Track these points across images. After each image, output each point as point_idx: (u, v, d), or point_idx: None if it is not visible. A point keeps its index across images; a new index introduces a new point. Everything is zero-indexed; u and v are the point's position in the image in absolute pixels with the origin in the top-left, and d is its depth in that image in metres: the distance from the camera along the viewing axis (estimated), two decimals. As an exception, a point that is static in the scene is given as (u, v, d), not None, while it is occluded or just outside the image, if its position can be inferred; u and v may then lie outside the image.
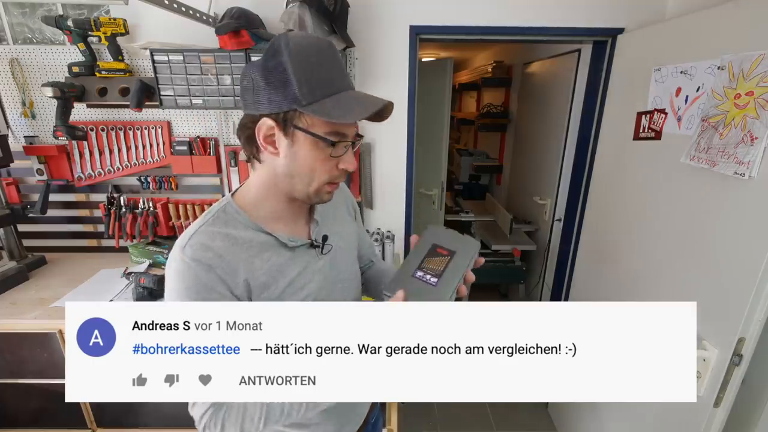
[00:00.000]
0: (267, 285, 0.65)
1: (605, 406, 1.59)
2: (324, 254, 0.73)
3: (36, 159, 1.65)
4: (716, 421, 1.04)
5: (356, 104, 0.59)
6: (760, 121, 0.92)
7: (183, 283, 0.59)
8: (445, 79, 2.48)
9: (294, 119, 0.58)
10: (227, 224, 0.64)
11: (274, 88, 0.57)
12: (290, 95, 0.57)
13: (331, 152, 0.61)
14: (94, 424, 1.49)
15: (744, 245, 0.97)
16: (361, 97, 0.61)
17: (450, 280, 0.62)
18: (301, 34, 0.62)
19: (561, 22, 1.57)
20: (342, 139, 0.61)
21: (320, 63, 0.58)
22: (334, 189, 0.68)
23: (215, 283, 0.59)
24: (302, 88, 0.56)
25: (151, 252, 1.69)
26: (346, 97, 0.60)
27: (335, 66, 0.61)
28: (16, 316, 1.34)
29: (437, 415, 2.12)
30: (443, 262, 0.64)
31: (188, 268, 0.59)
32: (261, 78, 0.58)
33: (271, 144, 0.61)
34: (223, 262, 0.60)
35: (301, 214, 0.74)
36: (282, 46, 0.56)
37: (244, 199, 0.68)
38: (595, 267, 1.71)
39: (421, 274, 0.63)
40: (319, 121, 0.58)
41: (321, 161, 0.62)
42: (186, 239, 0.61)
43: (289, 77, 0.56)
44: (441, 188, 2.64)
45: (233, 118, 1.68)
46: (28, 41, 1.56)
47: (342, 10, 1.42)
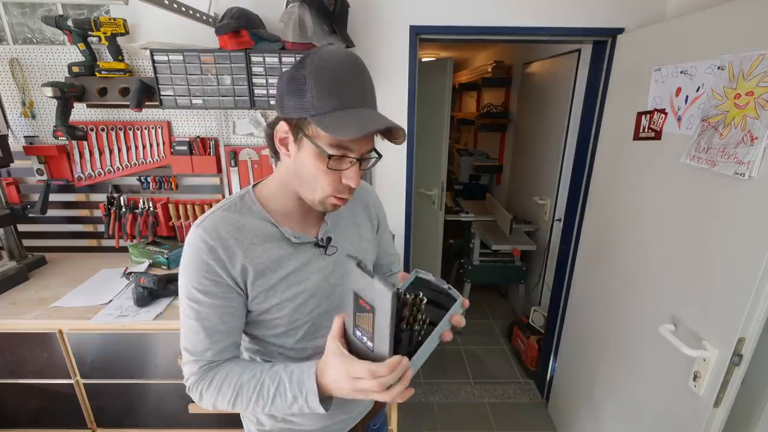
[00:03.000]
0: (263, 273, 0.68)
1: (605, 405, 1.59)
2: (328, 255, 0.75)
3: (36, 159, 1.65)
4: (716, 421, 1.04)
5: (356, 122, 0.58)
6: (760, 121, 0.92)
7: (191, 256, 0.66)
8: (445, 79, 2.48)
9: (303, 127, 0.61)
10: (240, 212, 0.70)
11: (292, 95, 0.61)
12: (303, 104, 0.59)
13: (329, 164, 0.62)
14: (94, 424, 1.49)
15: (744, 245, 0.97)
16: (366, 115, 0.60)
17: (383, 344, 0.51)
18: (335, 49, 0.62)
19: (561, 22, 1.57)
20: (342, 154, 0.62)
21: (339, 78, 0.59)
22: (341, 203, 0.68)
23: (213, 261, 0.65)
24: (314, 99, 0.58)
25: (151, 252, 1.69)
26: (352, 114, 0.60)
27: (356, 83, 0.61)
28: (16, 316, 1.34)
29: (437, 415, 2.12)
30: (369, 320, 0.52)
31: (196, 245, 0.66)
32: (285, 84, 0.62)
33: (284, 146, 0.66)
34: (225, 245, 0.66)
35: (313, 213, 0.76)
36: (309, 58, 0.60)
37: (263, 191, 0.73)
38: (595, 267, 1.71)
39: (359, 334, 0.55)
40: (324, 133, 0.59)
41: (323, 172, 0.63)
42: (203, 218, 0.68)
43: (306, 87, 0.59)
44: (441, 188, 2.65)
45: (233, 118, 1.68)
46: (28, 41, 1.56)
47: (342, 10, 1.42)
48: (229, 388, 0.66)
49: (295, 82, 0.60)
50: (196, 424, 1.47)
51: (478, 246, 2.77)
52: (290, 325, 0.72)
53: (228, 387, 0.66)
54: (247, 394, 0.65)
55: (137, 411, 1.47)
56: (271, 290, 0.69)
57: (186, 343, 0.69)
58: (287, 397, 0.62)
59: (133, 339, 1.36)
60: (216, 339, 0.68)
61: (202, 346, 0.67)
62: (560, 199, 2.36)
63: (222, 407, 0.67)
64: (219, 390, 0.66)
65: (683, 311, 1.17)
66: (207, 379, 0.67)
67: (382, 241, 0.93)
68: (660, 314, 1.25)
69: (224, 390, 0.66)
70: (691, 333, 1.13)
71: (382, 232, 0.93)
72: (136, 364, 1.39)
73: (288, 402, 0.62)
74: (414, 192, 1.85)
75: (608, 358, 1.57)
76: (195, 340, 0.67)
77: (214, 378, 0.67)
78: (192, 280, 0.66)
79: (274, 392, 0.63)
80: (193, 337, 0.67)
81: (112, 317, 1.33)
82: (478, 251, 2.78)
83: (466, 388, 2.32)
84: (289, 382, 0.63)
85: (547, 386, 2.17)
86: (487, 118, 3.53)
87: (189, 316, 0.67)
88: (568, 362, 1.95)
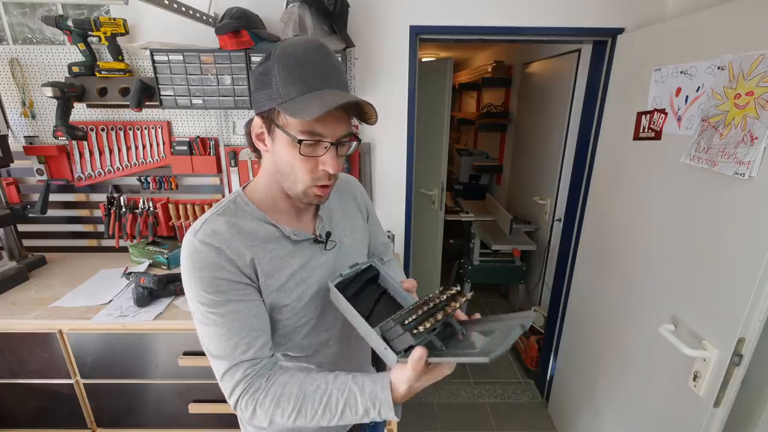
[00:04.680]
0: (271, 274, 0.67)
1: (605, 405, 1.59)
2: (328, 250, 0.75)
3: (36, 159, 1.65)
4: (716, 421, 1.04)
5: (318, 102, 0.57)
6: (760, 121, 0.92)
7: (194, 264, 0.62)
8: (445, 79, 2.48)
9: (274, 118, 0.62)
10: (236, 215, 0.68)
11: (261, 89, 0.61)
12: (271, 94, 0.60)
13: (300, 150, 0.61)
14: (94, 424, 1.49)
15: (744, 245, 0.97)
16: (329, 95, 0.58)
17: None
18: (299, 38, 0.63)
19: (561, 22, 1.57)
20: (316, 139, 0.61)
21: (302, 63, 0.59)
22: (325, 192, 0.68)
23: (224, 262, 0.62)
24: (280, 88, 0.59)
25: (151, 252, 1.69)
26: (316, 96, 0.59)
27: (318, 65, 0.60)
28: (16, 316, 1.34)
29: (437, 415, 2.12)
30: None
31: (199, 250, 0.62)
32: (254, 81, 0.63)
33: (261, 141, 0.66)
34: (231, 246, 0.64)
35: (307, 210, 0.75)
36: (273, 51, 0.60)
37: (253, 192, 0.72)
38: (595, 267, 1.71)
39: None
40: (294, 120, 0.59)
41: (300, 160, 0.62)
42: (198, 226, 0.65)
43: (272, 78, 0.59)
44: (441, 188, 2.64)
45: (233, 118, 1.68)
46: (28, 41, 1.56)
47: (342, 10, 1.42)
48: (289, 402, 0.62)
49: (262, 77, 0.61)
50: (196, 424, 1.47)
51: (478, 246, 2.77)
52: (296, 323, 0.72)
53: (288, 400, 0.62)
54: (312, 407, 0.61)
55: (137, 411, 1.47)
56: (280, 290, 0.68)
57: (218, 350, 0.63)
58: (358, 410, 0.60)
59: (133, 339, 1.36)
60: (252, 336, 0.64)
61: (242, 347, 0.63)
62: (560, 199, 2.36)
63: (279, 421, 0.62)
64: (278, 403, 0.62)
65: (683, 311, 1.17)
66: (261, 390, 0.62)
67: (373, 230, 0.92)
68: (660, 314, 1.25)
69: (283, 403, 0.62)
70: (691, 333, 1.13)
71: (374, 223, 0.93)
72: (136, 364, 1.39)
73: (359, 415, 0.61)
74: (414, 192, 1.85)
75: (608, 358, 1.57)
76: (229, 345, 0.63)
77: (269, 389, 0.63)
78: (204, 287, 0.62)
79: (344, 405, 0.61)
80: (226, 343, 0.63)
81: (112, 317, 1.33)
82: (478, 251, 2.78)
83: (466, 388, 2.32)
84: (360, 394, 0.60)
85: (547, 386, 2.17)
86: (487, 118, 3.53)
87: (212, 325, 0.63)
88: (568, 362, 1.95)
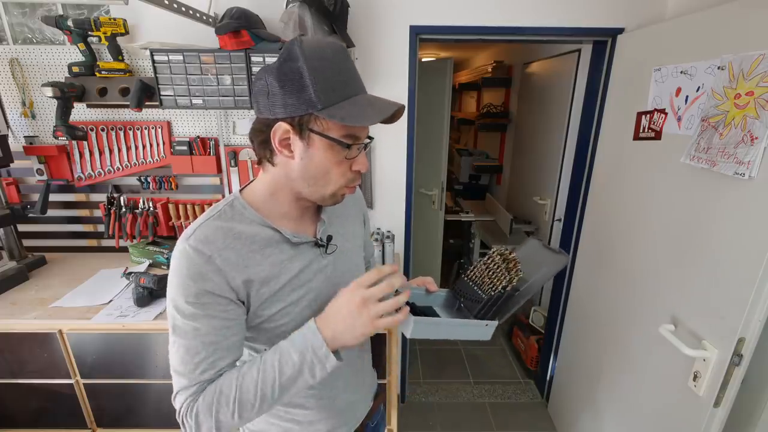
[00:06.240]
0: (267, 280, 0.65)
1: (605, 405, 1.59)
2: (328, 254, 0.74)
3: (36, 159, 1.65)
4: (716, 421, 1.04)
5: (370, 108, 0.59)
6: (760, 121, 0.92)
7: (181, 268, 0.61)
8: (445, 79, 2.48)
9: (310, 123, 0.59)
10: (233, 219, 0.66)
11: (289, 93, 0.58)
12: (306, 99, 0.57)
13: (346, 154, 0.62)
14: (94, 424, 1.49)
15: (744, 245, 0.97)
16: (374, 100, 0.62)
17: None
18: (315, 38, 0.63)
19: (561, 22, 1.57)
20: (355, 142, 0.62)
21: (334, 67, 0.59)
22: (351, 192, 0.69)
23: (212, 273, 0.60)
24: (318, 93, 0.57)
25: (151, 252, 1.69)
26: (361, 101, 0.60)
27: (349, 69, 0.61)
28: (16, 316, 1.34)
29: (437, 415, 2.12)
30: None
31: (188, 256, 0.60)
32: (276, 82, 0.58)
33: (286, 147, 0.62)
34: (222, 255, 0.61)
35: (308, 213, 0.74)
36: (297, 51, 0.57)
37: (252, 195, 0.69)
38: (595, 267, 1.71)
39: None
40: (334, 125, 0.59)
41: (336, 164, 0.63)
42: (191, 231, 0.63)
43: (305, 82, 0.56)
44: (441, 188, 2.65)
45: (233, 118, 1.68)
46: (28, 41, 1.56)
47: (342, 10, 1.42)
48: (230, 389, 0.59)
49: (289, 79, 0.57)
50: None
51: (478, 246, 2.78)
52: (292, 328, 0.68)
53: (228, 389, 0.59)
54: (252, 382, 0.59)
55: (137, 411, 1.47)
56: (275, 296, 0.66)
57: (181, 366, 0.61)
58: (293, 359, 0.59)
59: (133, 339, 1.36)
60: (218, 356, 0.62)
61: (202, 366, 0.61)
62: (560, 199, 2.36)
63: (226, 419, 0.59)
64: (218, 400, 0.59)
65: (683, 311, 1.17)
66: (198, 400, 0.60)
67: (366, 237, 0.92)
68: (660, 314, 1.25)
69: (222, 398, 0.59)
70: (691, 333, 1.13)
71: (367, 226, 0.93)
72: (136, 364, 1.39)
73: (296, 366, 0.58)
74: (414, 192, 1.85)
75: (608, 358, 1.57)
76: (194, 362, 0.61)
77: (205, 393, 0.61)
78: (187, 295, 0.59)
79: (279, 363, 0.59)
80: (192, 359, 0.60)
81: (112, 317, 1.33)
82: (478, 251, 2.78)
83: (466, 388, 2.32)
84: (290, 344, 0.60)
85: (547, 386, 2.17)
86: (487, 118, 3.53)
87: (184, 336, 0.61)
88: (568, 362, 1.95)
